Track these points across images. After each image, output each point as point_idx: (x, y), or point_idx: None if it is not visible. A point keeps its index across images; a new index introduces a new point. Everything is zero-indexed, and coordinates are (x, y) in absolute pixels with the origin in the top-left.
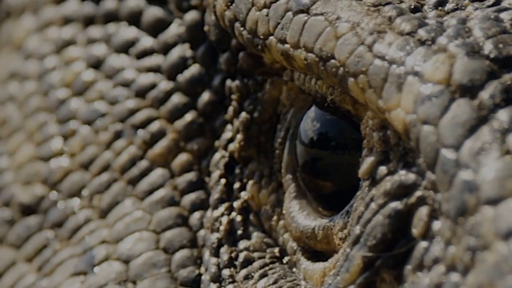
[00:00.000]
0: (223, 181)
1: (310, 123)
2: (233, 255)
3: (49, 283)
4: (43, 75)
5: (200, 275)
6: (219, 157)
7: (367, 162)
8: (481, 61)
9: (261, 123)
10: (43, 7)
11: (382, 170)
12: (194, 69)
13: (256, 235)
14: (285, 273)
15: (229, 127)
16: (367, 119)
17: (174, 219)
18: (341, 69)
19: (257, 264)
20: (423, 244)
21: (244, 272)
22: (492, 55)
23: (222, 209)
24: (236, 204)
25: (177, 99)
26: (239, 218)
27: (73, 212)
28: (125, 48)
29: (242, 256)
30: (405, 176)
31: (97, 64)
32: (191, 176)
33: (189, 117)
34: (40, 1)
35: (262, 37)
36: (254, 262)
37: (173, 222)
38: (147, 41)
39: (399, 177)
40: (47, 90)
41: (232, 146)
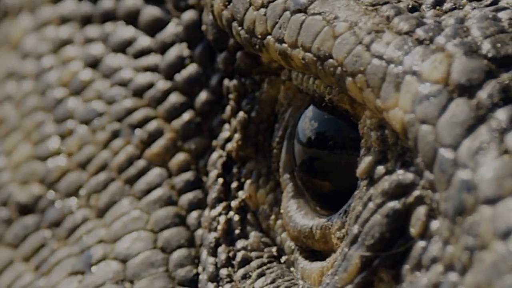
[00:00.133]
0: (221, 180)
1: (308, 123)
2: (231, 254)
3: (47, 282)
4: (40, 74)
5: (197, 274)
6: (217, 157)
7: (365, 161)
8: (479, 60)
9: (259, 123)
10: (40, 6)
11: (380, 169)
12: (191, 69)
13: (253, 235)
14: (283, 272)
15: (226, 126)
16: (365, 119)
17: (171, 218)
18: (339, 68)
19: (254, 263)
20: (421, 243)
21: (241, 271)
22: (490, 55)
23: (219, 208)
24: (233, 203)
25: (175, 98)
26: (236, 217)
27: (71, 211)
28: (123, 47)
29: (239, 255)
30: (403, 175)
31: (94, 63)
32: (188, 175)
33: (186, 116)
34: (37, 0)
35: (259, 36)
36: (251, 261)
37: (170, 221)
38: (144, 41)
39: (397, 177)
40: (44, 89)
41: (229, 145)
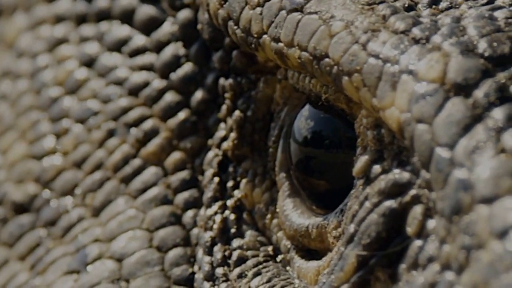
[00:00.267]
0: (217, 179)
1: (304, 122)
2: (227, 253)
3: (42, 281)
4: (36, 73)
5: (193, 273)
6: (213, 156)
7: (361, 160)
8: (476, 59)
9: (254, 122)
10: (35, 5)
11: (376, 168)
12: (187, 68)
13: (249, 234)
14: (279, 271)
15: (222, 125)
16: (361, 118)
17: (167, 217)
18: (335, 67)
19: (250, 262)
20: (418, 242)
21: (237, 270)
22: (486, 54)
23: (215, 207)
24: (229, 202)
25: (170, 97)
26: (232, 216)
27: (66, 210)
28: (118, 46)
29: (235, 254)
30: (399, 174)
31: (89, 62)
32: (184, 174)
33: (182, 115)
34: None
35: (255, 35)
36: (247, 260)
37: (166, 220)
38: (139, 40)
39: (393, 176)
40: (39, 88)
41: (225, 144)
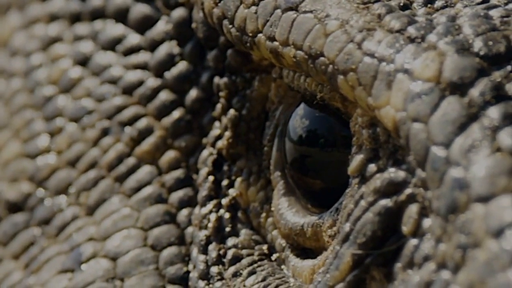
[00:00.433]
0: (211, 178)
1: (299, 120)
2: (222, 252)
3: (36, 280)
4: (29, 72)
5: (188, 272)
6: (207, 154)
7: (357, 159)
8: (471, 58)
9: (249, 120)
10: (29, 4)
11: (371, 167)
12: (181, 66)
13: (244, 232)
14: (274, 270)
15: (217, 124)
16: (356, 117)
17: (161, 216)
18: (331, 66)
19: (245, 261)
20: (413, 241)
21: (232, 269)
22: (482, 53)
23: (210, 206)
24: (224, 201)
25: (165, 96)
26: (227, 215)
27: (60, 209)
28: (112, 45)
29: (230, 253)
30: (395, 173)
31: (84, 61)
32: (178, 173)
33: (176, 114)
34: None
35: (250, 34)
36: (242, 259)
37: (160, 219)
38: (134, 38)
39: (388, 175)
40: (33, 87)
41: (220, 143)
